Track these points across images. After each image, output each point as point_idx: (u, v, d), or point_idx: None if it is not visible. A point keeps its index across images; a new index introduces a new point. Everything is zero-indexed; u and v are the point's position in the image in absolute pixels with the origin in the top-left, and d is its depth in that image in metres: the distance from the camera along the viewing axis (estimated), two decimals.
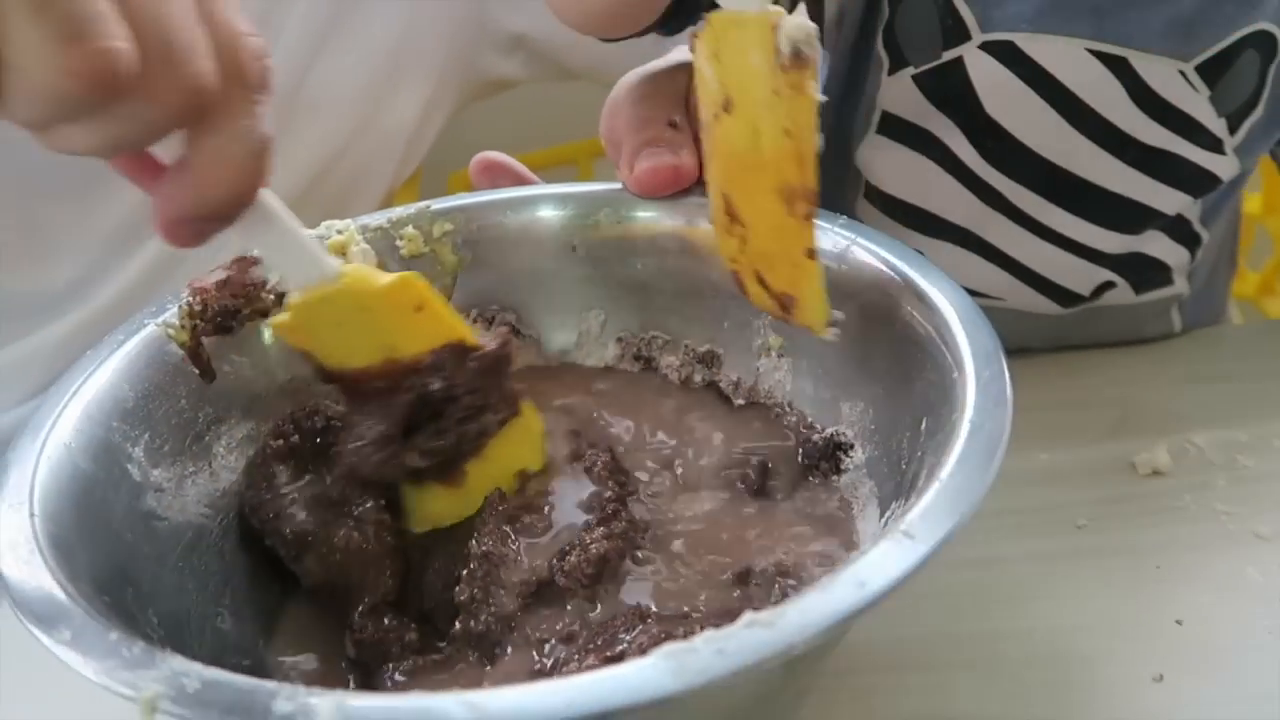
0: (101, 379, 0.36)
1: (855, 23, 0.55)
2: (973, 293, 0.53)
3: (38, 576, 0.29)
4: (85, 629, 0.28)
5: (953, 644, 0.41)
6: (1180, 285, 0.58)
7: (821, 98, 0.34)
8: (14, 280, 0.61)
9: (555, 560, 0.35)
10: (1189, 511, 0.47)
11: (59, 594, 0.29)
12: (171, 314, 0.39)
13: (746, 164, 0.37)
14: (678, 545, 0.37)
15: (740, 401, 0.44)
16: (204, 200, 0.31)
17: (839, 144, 0.57)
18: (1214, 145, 0.52)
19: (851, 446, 0.40)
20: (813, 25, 0.34)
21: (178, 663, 0.26)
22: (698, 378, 0.45)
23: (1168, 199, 0.53)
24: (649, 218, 0.45)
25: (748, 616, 0.26)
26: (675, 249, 0.45)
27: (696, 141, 0.48)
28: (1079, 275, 0.56)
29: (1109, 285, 0.56)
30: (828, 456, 0.40)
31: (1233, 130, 0.52)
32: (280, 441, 0.38)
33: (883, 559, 0.27)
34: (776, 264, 0.38)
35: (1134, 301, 0.57)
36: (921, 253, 0.41)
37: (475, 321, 0.46)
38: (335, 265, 0.35)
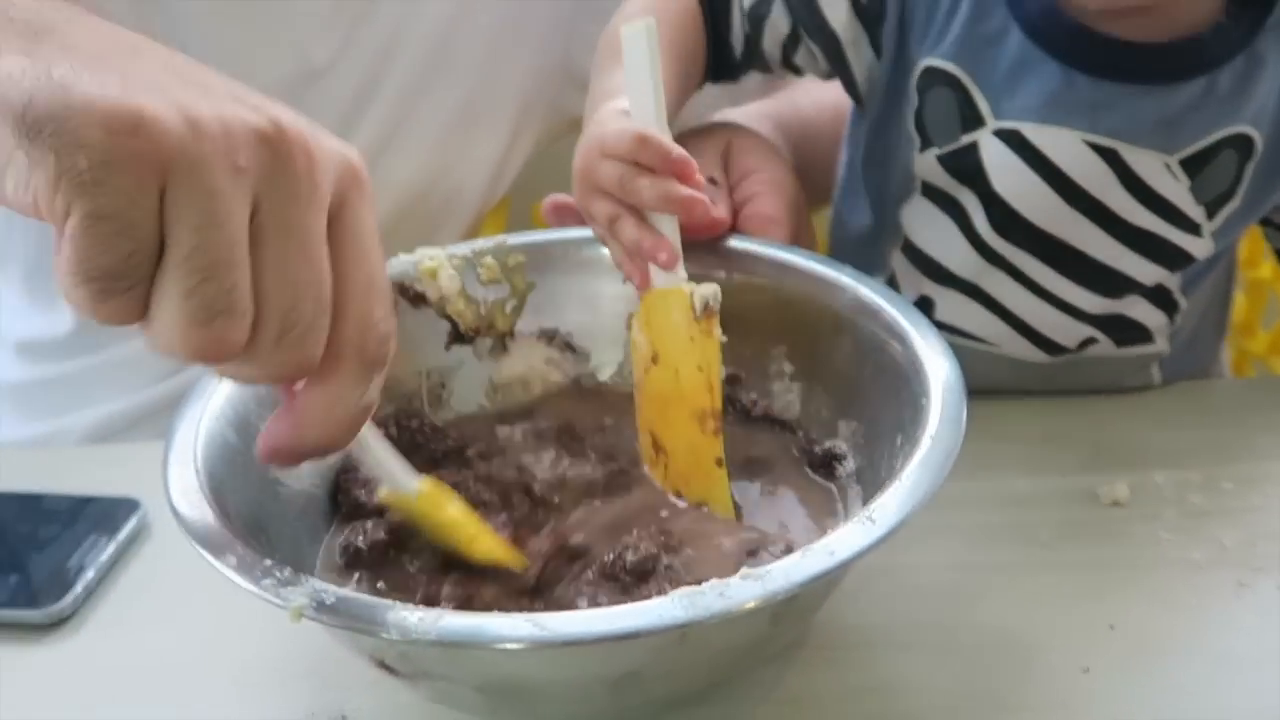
0: None
1: (885, 102, 0.64)
2: (973, 338, 0.64)
3: (206, 517, 0.39)
4: (245, 557, 0.38)
5: (917, 629, 0.50)
6: (1160, 345, 0.66)
7: (722, 338, 0.48)
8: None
9: (611, 558, 0.44)
10: (1137, 537, 0.56)
11: (223, 530, 0.39)
12: None
13: (669, 400, 0.50)
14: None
15: (758, 415, 0.54)
16: (302, 442, 0.37)
17: (875, 203, 0.67)
18: (1192, 228, 0.61)
19: (845, 457, 0.50)
20: (716, 288, 0.48)
21: (317, 583, 0.36)
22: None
23: (1147, 271, 0.62)
24: (687, 260, 0.55)
25: (743, 570, 0.36)
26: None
27: (731, 197, 0.58)
28: (1065, 330, 0.64)
29: (1092, 340, 0.65)
30: (825, 464, 0.50)
31: (1210, 216, 0.61)
32: (383, 430, 0.48)
33: (849, 535, 0.37)
34: (692, 480, 0.50)
35: (1115, 355, 0.66)
36: (931, 300, 0.51)
37: (540, 339, 0.57)
38: (414, 485, 0.43)
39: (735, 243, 0.56)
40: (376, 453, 0.43)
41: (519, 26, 0.79)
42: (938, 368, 0.45)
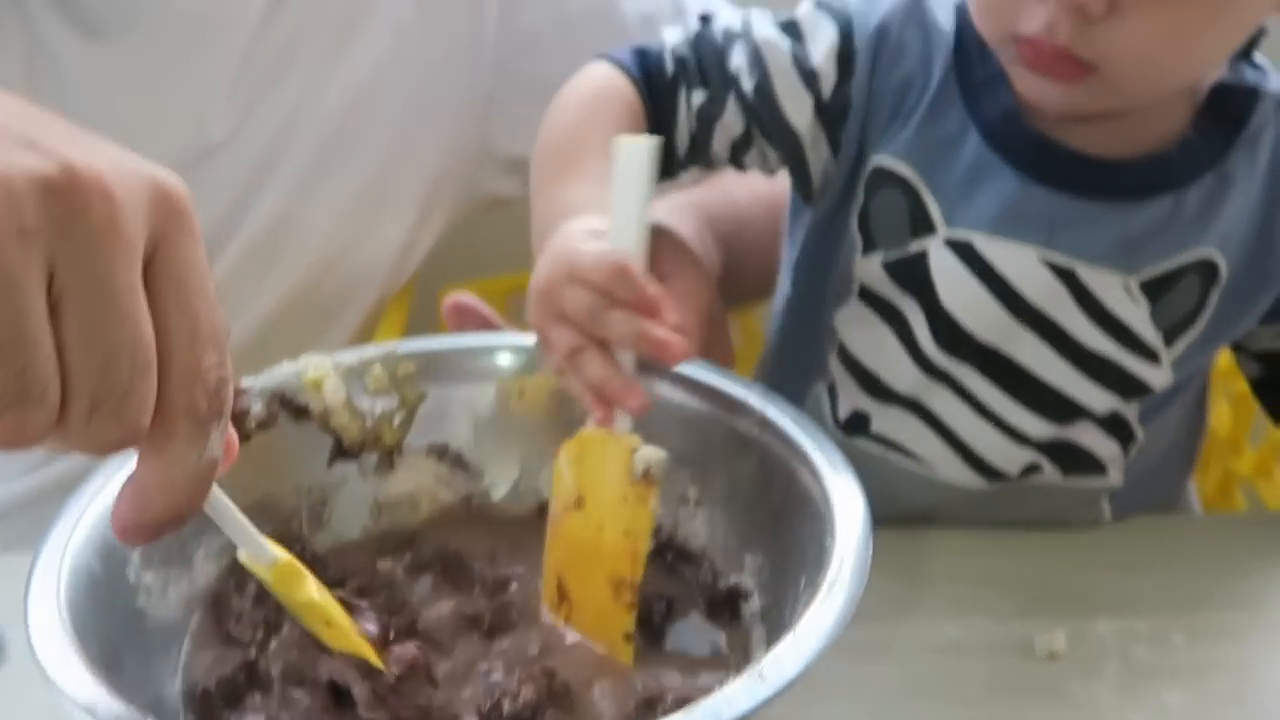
0: (112, 488, 0.54)
1: (832, 200, 0.74)
2: (909, 454, 0.72)
3: (66, 660, 0.46)
4: (84, 682, 0.45)
5: None
6: (1114, 477, 0.75)
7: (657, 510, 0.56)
8: None
9: (489, 705, 0.51)
10: (1075, 698, 0.63)
11: (80, 667, 0.46)
12: None
13: (587, 553, 0.58)
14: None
15: (662, 542, 0.62)
16: (146, 516, 0.41)
17: (813, 305, 0.76)
18: (1150, 356, 0.70)
19: (750, 595, 0.58)
20: (665, 454, 0.55)
21: None
22: None
23: (1099, 398, 0.71)
24: None
25: None
26: None
27: None
28: (1007, 454, 0.73)
29: (1035, 468, 0.74)
30: (730, 602, 0.58)
31: (1170, 343, 0.70)
32: None
33: (736, 695, 0.45)
34: (597, 641, 0.57)
35: (1061, 485, 0.74)
36: (866, 414, 0.61)
37: (429, 455, 0.64)
38: (271, 555, 0.49)
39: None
40: (233, 516, 0.48)
41: (430, 104, 0.89)
42: (847, 503, 0.54)
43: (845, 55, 0.71)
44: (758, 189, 0.81)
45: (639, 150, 0.58)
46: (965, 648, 0.66)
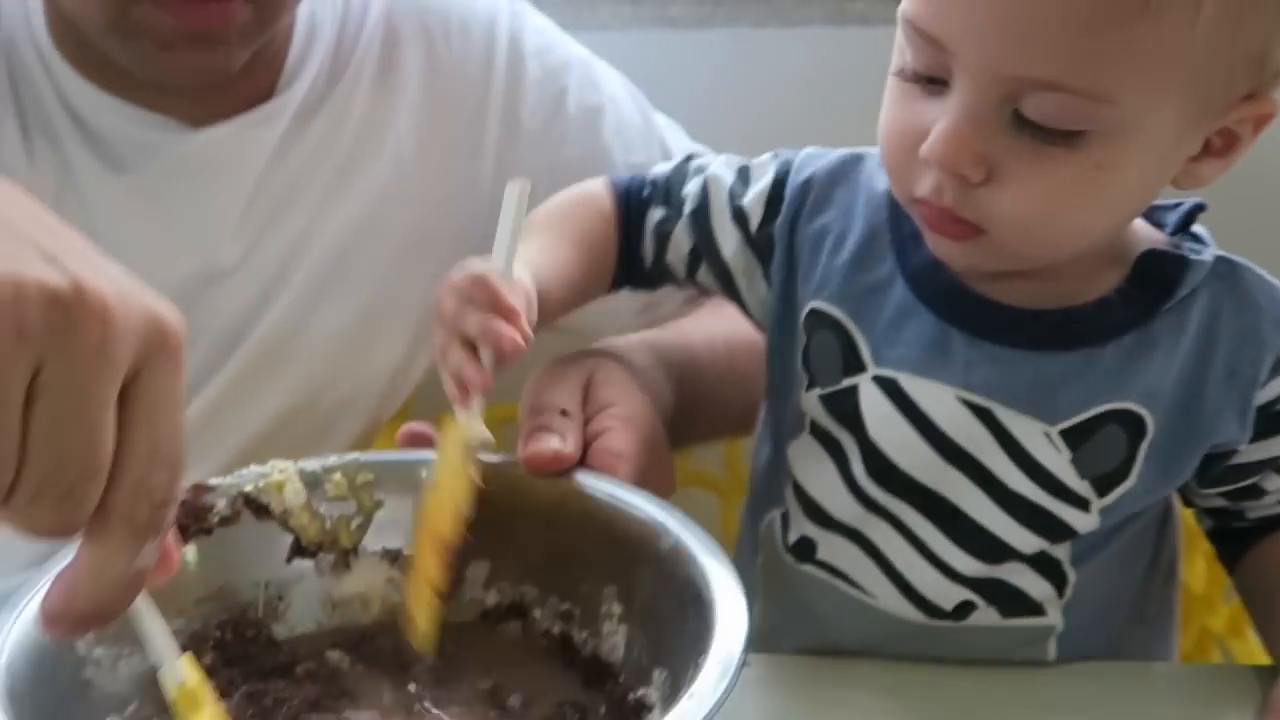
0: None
1: (778, 337, 0.79)
2: (854, 584, 0.75)
3: None
4: None
5: None
6: (1053, 618, 0.76)
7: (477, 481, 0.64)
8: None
9: None
10: None
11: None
12: None
13: (427, 521, 0.65)
14: None
15: (586, 655, 0.66)
16: (71, 607, 0.45)
17: (773, 435, 0.81)
18: (1079, 503, 0.72)
19: (653, 709, 0.61)
20: (486, 434, 0.65)
21: None
22: (555, 630, 0.68)
23: (1025, 539, 0.73)
24: (531, 487, 0.69)
25: None
26: (550, 518, 0.68)
27: (584, 429, 0.72)
28: (940, 589, 0.75)
29: (970, 605, 0.76)
30: (636, 714, 0.61)
31: (1102, 494, 0.72)
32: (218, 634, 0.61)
33: None
34: (417, 594, 0.64)
35: (1001, 625, 0.76)
36: (813, 541, 0.69)
37: (383, 558, 0.70)
38: (179, 674, 0.52)
39: (580, 476, 0.69)
40: (149, 628, 0.50)
41: (427, 238, 0.96)
42: (731, 623, 0.57)
43: (773, 199, 0.78)
44: (713, 332, 0.86)
45: (513, 190, 0.70)
46: None
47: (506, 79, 0.99)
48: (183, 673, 0.52)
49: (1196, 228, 0.75)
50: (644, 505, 0.67)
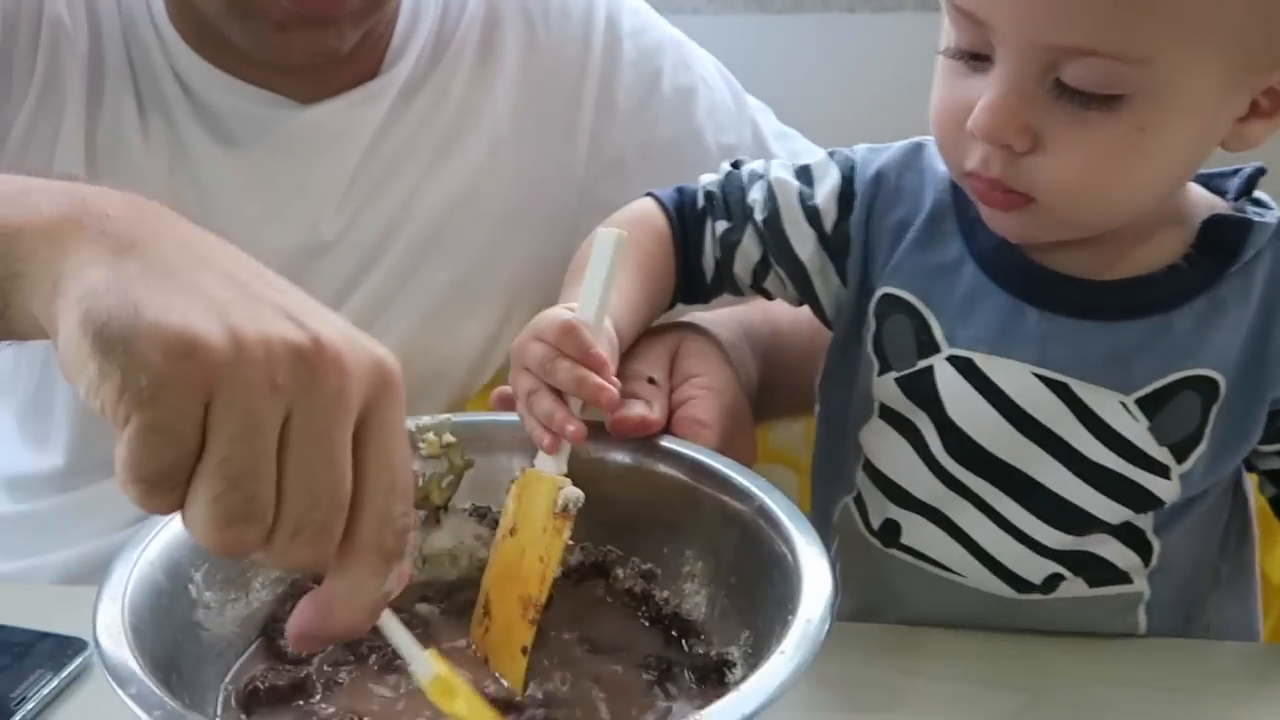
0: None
1: (846, 326, 0.81)
2: (942, 566, 0.77)
3: (121, 651, 0.55)
4: (144, 692, 0.53)
5: None
6: (1139, 585, 0.78)
7: (569, 541, 0.65)
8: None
9: None
10: None
11: (133, 664, 0.54)
12: None
13: (510, 574, 0.66)
14: None
15: (668, 613, 0.69)
16: (327, 628, 0.50)
17: (839, 422, 0.83)
18: (1159, 470, 0.73)
19: (735, 665, 0.64)
20: (581, 494, 0.64)
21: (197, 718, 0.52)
22: (637, 588, 0.70)
23: (1110, 510, 0.74)
24: (617, 451, 0.71)
25: None
26: (635, 482, 0.71)
27: (670, 397, 0.74)
28: (1028, 564, 0.77)
29: (1059, 577, 0.77)
30: (716, 671, 0.64)
31: (1179, 459, 0.73)
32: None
33: None
34: (500, 653, 0.65)
35: (1090, 595, 0.77)
36: (897, 523, 0.70)
37: (471, 516, 0.72)
38: (429, 669, 0.55)
39: (665, 442, 0.72)
40: (395, 636, 0.55)
41: (521, 214, 0.99)
42: (816, 589, 0.59)
43: (845, 196, 0.80)
44: (799, 313, 0.88)
45: (607, 238, 0.69)
46: None
47: (602, 59, 1.02)
48: (432, 667, 0.56)
49: (1258, 193, 0.75)
50: (727, 471, 0.69)
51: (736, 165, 0.86)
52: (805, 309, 0.86)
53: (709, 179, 0.86)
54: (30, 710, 0.68)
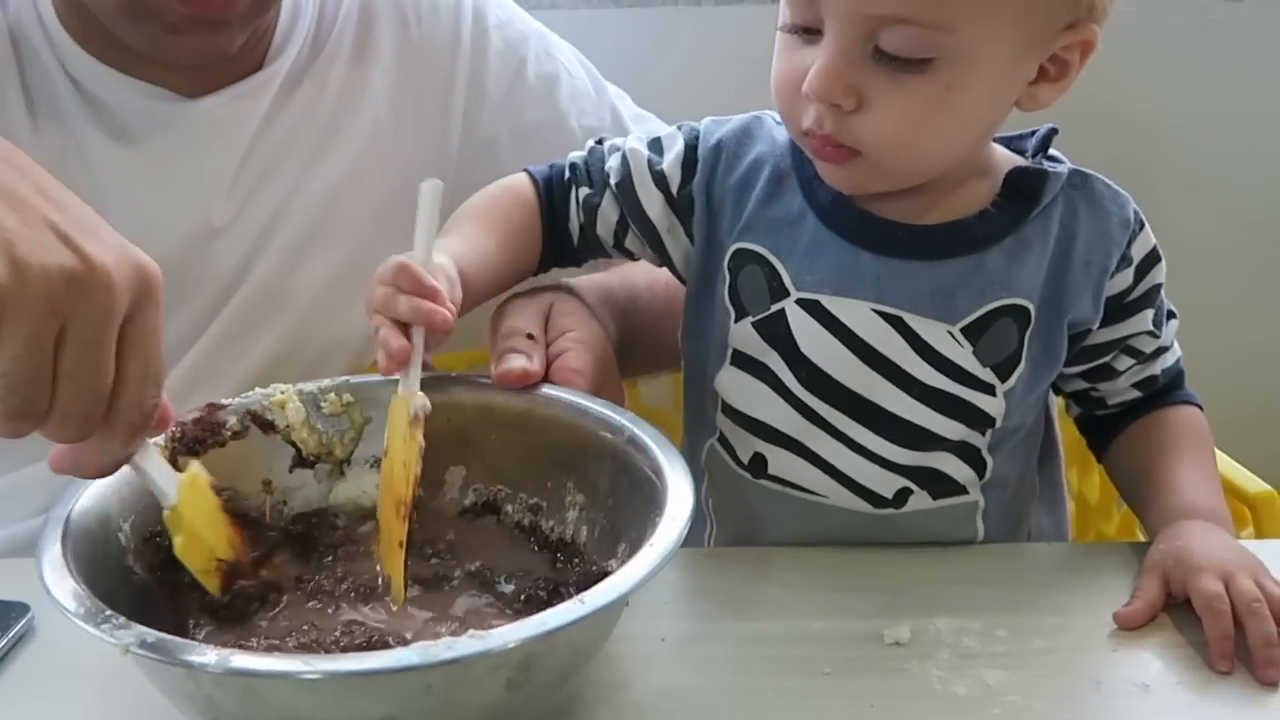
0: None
1: (699, 281, 0.92)
2: (806, 490, 0.87)
3: (65, 580, 0.63)
4: (91, 608, 0.60)
5: None
6: (974, 495, 0.90)
7: (421, 443, 0.76)
8: None
9: None
10: (911, 673, 0.76)
11: (76, 590, 0.62)
12: (160, 437, 0.74)
13: (387, 487, 0.75)
14: None
15: (554, 540, 0.79)
16: (78, 471, 0.64)
17: (696, 373, 0.94)
18: (986, 389, 0.85)
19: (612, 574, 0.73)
20: (427, 400, 0.74)
21: (140, 629, 0.59)
22: (526, 521, 0.80)
23: (946, 427, 0.86)
24: (501, 401, 0.80)
25: (470, 633, 0.58)
26: (519, 426, 0.80)
27: (546, 351, 0.84)
28: (881, 480, 0.88)
29: (908, 491, 0.88)
30: (597, 581, 0.72)
31: (1003, 379, 0.86)
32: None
33: (560, 613, 0.60)
34: (384, 553, 0.75)
35: (935, 507, 0.89)
36: (764, 456, 0.82)
37: (373, 466, 0.80)
38: (170, 500, 0.68)
39: (545, 390, 0.82)
40: (150, 470, 0.67)
41: (402, 197, 1.04)
42: (680, 496, 0.69)
43: (689, 162, 0.91)
44: (655, 276, 0.99)
45: (429, 189, 0.79)
46: (826, 637, 0.79)
47: (471, 50, 1.11)
48: (172, 499, 0.68)
49: (1053, 150, 0.89)
50: (601, 409, 0.79)
51: (600, 142, 0.96)
52: (661, 272, 0.96)
53: (575, 154, 0.96)
54: None
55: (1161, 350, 0.92)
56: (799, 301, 0.86)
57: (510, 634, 0.59)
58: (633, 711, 0.73)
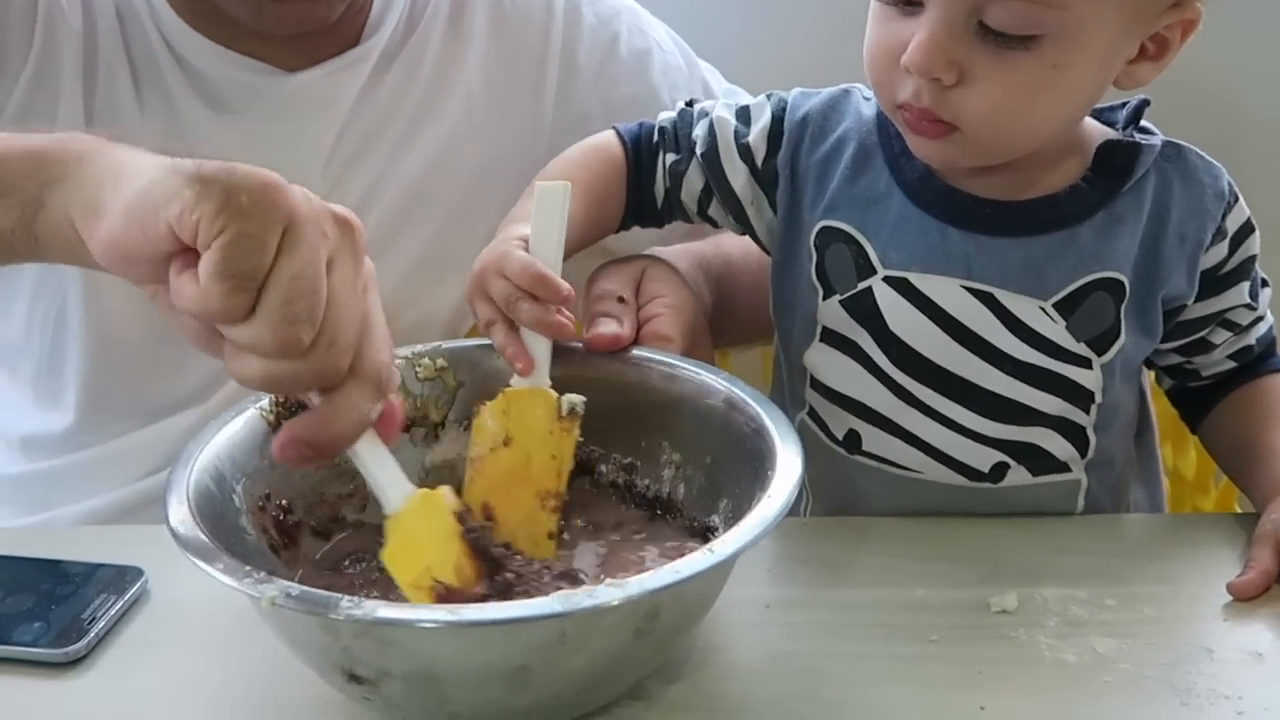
0: (223, 436, 0.75)
1: (784, 255, 0.93)
2: (901, 467, 0.90)
3: (199, 537, 0.66)
4: (230, 563, 0.64)
5: (809, 703, 0.72)
6: (1078, 473, 0.91)
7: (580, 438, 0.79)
8: (151, 382, 1.03)
9: None
10: (1019, 640, 0.78)
11: (211, 546, 0.65)
12: (265, 403, 0.77)
13: (515, 477, 0.78)
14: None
15: (651, 497, 0.82)
16: (318, 437, 0.64)
17: (786, 346, 0.96)
18: (1081, 362, 0.87)
19: (718, 529, 0.76)
20: (582, 398, 0.78)
21: (283, 582, 0.61)
22: (620, 480, 0.83)
23: (1042, 400, 0.88)
24: (594, 367, 0.83)
25: (607, 581, 0.60)
26: (610, 389, 0.82)
27: (637, 315, 0.85)
28: (977, 455, 0.90)
29: (1005, 465, 0.90)
30: (703, 536, 0.76)
31: (1099, 353, 0.87)
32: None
33: (692, 561, 0.62)
34: (524, 544, 0.75)
35: (1034, 483, 0.90)
36: (858, 433, 0.86)
37: (466, 429, 0.82)
38: (409, 487, 0.68)
39: (636, 352, 0.85)
40: (368, 462, 0.68)
41: (495, 171, 1.10)
42: (788, 453, 0.72)
43: (774, 135, 0.93)
44: (749, 246, 1.01)
45: (555, 191, 0.81)
46: (931, 605, 0.81)
47: (564, 25, 1.14)
48: (400, 498, 0.68)
49: (1144, 122, 0.89)
50: (694, 369, 0.82)
51: (690, 104, 0.98)
52: (755, 245, 0.97)
53: (665, 115, 0.98)
54: (101, 628, 0.78)
55: (1257, 320, 0.93)
56: (886, 279, 0.88)
57: (648, 582, 0.61)
58: (741, 674, 0.75)
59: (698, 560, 0.62)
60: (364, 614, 0.59)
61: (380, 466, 0.68)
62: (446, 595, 0.67)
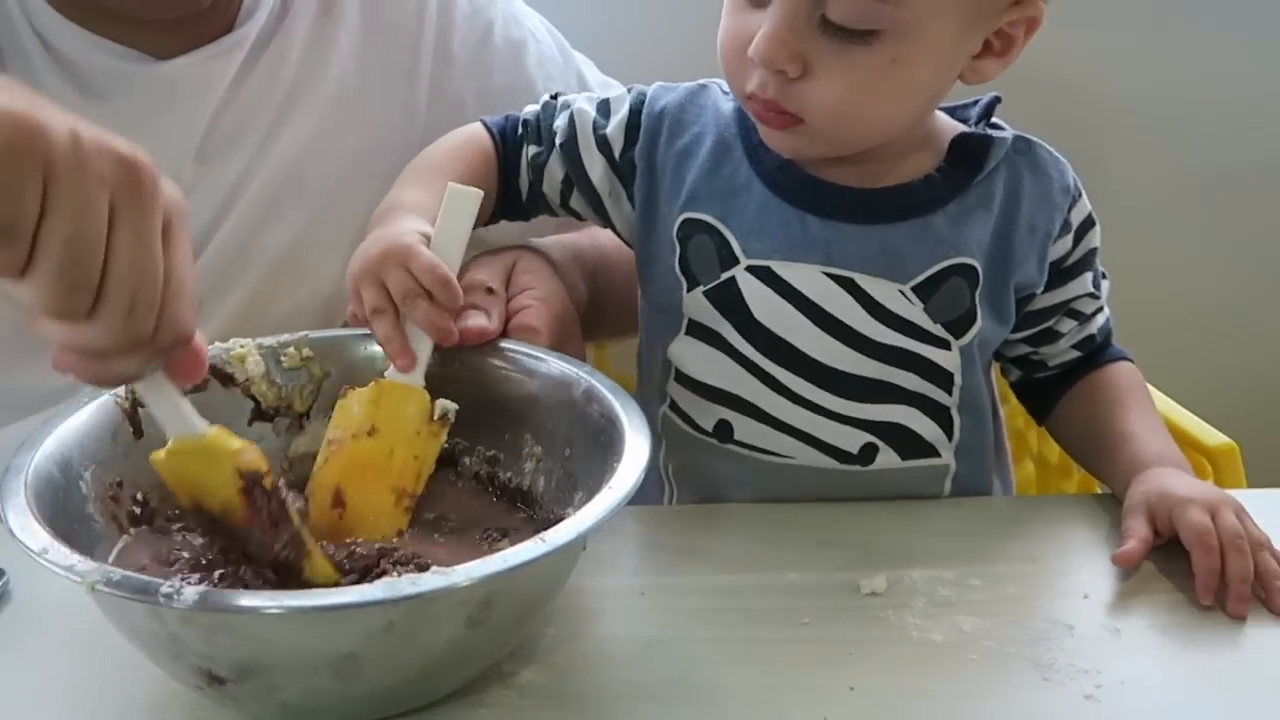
0: (73, 422, 0.75)
1: (648, 249, 0.95)
2: (770, 453, 0.90)
3: (30, 525, 0.65)
4: (55, 549, 0.63)
5: (674, 686, 0.74)
6: (947, 458, 0.95)
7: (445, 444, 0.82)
8: (11, 378, 1.00)
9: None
10: (888, 621, 0.81)
11: (44, 532, 0.65)
12: (121, 390, 0.76)
13: (377, 469, 0.79)
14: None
15: (512, 490, 0.83)
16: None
17: (648, 340, 0.98)
18: (940, 343, 0.91)
19: None
20: (455, 405, 0.81)
21: (105, 567, 0.62)
22: (483, 472, 0.84)
23: (906, 379, 0.91)
24: (461, 359, 0.84)
25: (434, 569, 0.61)
26: (475, 382, 0.84)
27: (506, 306, 0.86)
28: (845, 437, 0.93)
29: (874, 447, 0.93)
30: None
31: (957, 336, 0.91)
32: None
33: (522, 551, 0.63)
34: (368, 534, 0.77)
35: (903, 467, 0.94)
36: (729, 423, 0.86)
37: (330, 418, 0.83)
38: (203, 426, 0.68)
39: (503, 344, 0.86)
40: (169, 390, 0.67)
41: (368, 159, 1.11)
42: (636, 444, 0.74)
43: (632, 127, 0.96)
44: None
45: (467, 195, 0.83)
46: (802, 589, 0.84)
47: (438, 13, 1.15)
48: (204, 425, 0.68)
49: (995, 119, 0.95)
50: (555, 361, 0.84)
51: (554, 97, 1.00)
52: None
53: (530, 109, 1.00)
54: None
55: (1098, 310, 0.98)
56: (749, 269, 0.91)
57: (474, 570, 0.62)
58: (612, 660, 0.76)
59: (528, 550, 0.64)
60: (184, 596, 0.59)
61: (160, 407, 0.68)
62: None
